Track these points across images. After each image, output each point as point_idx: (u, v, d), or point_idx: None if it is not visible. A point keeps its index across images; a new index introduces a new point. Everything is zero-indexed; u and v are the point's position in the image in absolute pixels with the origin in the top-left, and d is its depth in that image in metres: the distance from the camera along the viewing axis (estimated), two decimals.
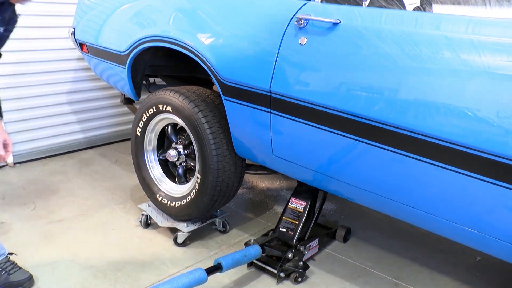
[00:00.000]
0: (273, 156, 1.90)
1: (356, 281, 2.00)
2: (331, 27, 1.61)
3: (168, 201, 2.24)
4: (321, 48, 1.63)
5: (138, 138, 2.32)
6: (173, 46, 2.06)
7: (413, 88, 1.41)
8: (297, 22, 1.68)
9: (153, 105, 2.17)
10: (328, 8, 1.69)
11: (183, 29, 2.04)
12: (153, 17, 2.23)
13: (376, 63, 1.50)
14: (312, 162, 1.77)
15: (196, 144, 2.04)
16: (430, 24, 1.45)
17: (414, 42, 1.43)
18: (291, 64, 1.70)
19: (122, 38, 2.33)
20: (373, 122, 1.49)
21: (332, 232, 2.29)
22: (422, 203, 1.51)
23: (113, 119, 3.63)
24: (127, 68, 2.35)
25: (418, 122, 1.38)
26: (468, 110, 1.30)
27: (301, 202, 2.12)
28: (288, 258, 1.95)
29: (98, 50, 2.57)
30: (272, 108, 1.77)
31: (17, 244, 2.17)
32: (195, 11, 2.06)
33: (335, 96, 1.58)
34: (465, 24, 1.38)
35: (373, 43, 1.52)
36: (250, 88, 1.82)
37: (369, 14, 1.59)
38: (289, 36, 1.71)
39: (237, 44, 1.88)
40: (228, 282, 1.96)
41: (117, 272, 2.00)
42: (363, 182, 1.65)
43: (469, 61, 1.32)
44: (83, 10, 2.70)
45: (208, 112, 2.01)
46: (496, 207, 1.33)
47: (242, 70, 1.84)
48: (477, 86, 1.30)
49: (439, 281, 2.02)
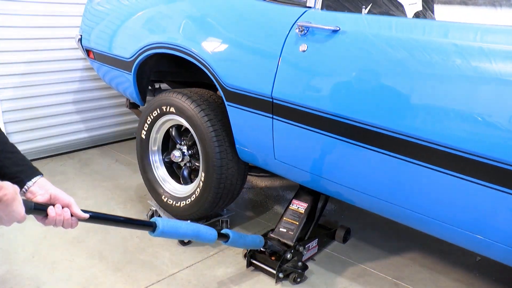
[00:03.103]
0: (275, 160, 1.92)
1: (356, 281, 2.00)
2: (331, 34, 1.63)
3: (173, 201, 2.26)
4: (321, 55, 1.65)
5: (143, 141, 2.36)
6: (177, 53, 2.09)
7: (413, 94, 1.42)
8: (298, 29, 1.70)
9: (157, 107, 2.21)
10: (328, 15, 1.71)
11: (188, 37, 2.06)
12: (159, 24, 2.26)
13: (375, 70, 1.52)
14: (314, 166, 1.79)
15: (199, 143, 2.08)
16: (429, 31, 1.45)
17: (414, 48, 1.44)
18: (292, 70, 1.73)
19: (128, 44, 2.37)
20: (372, 127, 1.51)
21: (331, 233, 2.29)
22: (422, 206, 1.52)
23: (113, 119, 3.63)
24: (132, 74, 2.39)
25: (418, 127, 1.39)
26: (467, 116, 1.30)
27: (303, 204, 2.14)
28: (287, 259, 1.95)
29: (104, 57, 2.60)
30: (274, 113, 1.80)
31: (17, 244, 2.17)
32: (199, 20, 2.09)
33: (335, 102, 1.60)
34: (461, 30, 1.39)
35: (372, 50, 1.54)
36: (252, 94, 1.84)
37: (369, 21, 1.61)
38: (290, 43, 1.73)
39: (240, 51, 1.91)
40: (227, 281, 1.96)
41: (117, 272, 2.00)
42: (364, 186, 1.66)
43: (466, 67, 1.32)
44: (89, 17, 2.73)
45: (210, 111, 2.05)
46: (496, 211, 1.34)
47: (244, 77, 1.87)
48: (476, 92, 1.30)
49: (439, 281, 2.02)
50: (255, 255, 2.03)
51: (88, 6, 2.78)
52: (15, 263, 2.04)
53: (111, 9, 2.57)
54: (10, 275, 1.95)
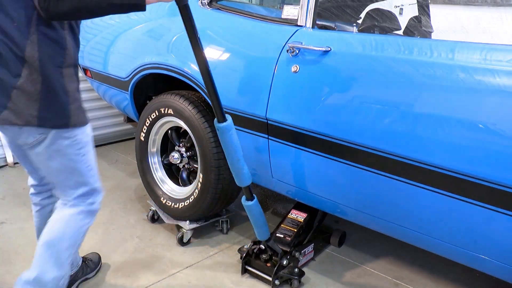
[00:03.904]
0: (273, 179, 1.93)
1: (356, 281, 2.00)
2: (322, 55, 1.63)
3: (172, 203, 2.26)
4: (313, 76, 1.65)
5: (142, 143, 2.36)
6: (171, 74, 2.09)
7: (407, 115, 1.42)
8: (289, 50, 1.70)
9: (155, 109, 2.22)
10: (319, 35, 1.71)
11: (180, 57, 2.06)
12: (153, 44, 2.25)
13: (366, 91, 1.52)
14: (310, 185, 1.81)
15: (197, 144, 2.08)
16: (422, 50, 1.45)
17: (407, 68, 1.44)
18: (285, 92, 1.73)
19: (123, 64, 2.37)
20: (364, 148, 1.52)
21: (327, 237, 2.27)
22: (418, 225, 1.53)
23: (113, 119, 3.63)
24: (129, 93, 2.40)
25: (412, 149, 1.40)
26: (462, 139, 1.31)
27: (302, 213, 2.15)
28: (283, 265, 1.93)
29: (101, 76, 2.61)
30: (269, 134, 1.81)
31: (17, 244, 2.17)
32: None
33: (327, 123, 1.61)
34: (456, 49, 1.39)
35: (363, 71, 1.54)
36: (247, 115, 1.85)
37: (360, 41, 1.61)
38: (282, 64, 1.73)
39: (233, 72, 1.91)
40: (227, 281, 1.96)
41: (117, 272, 2.00)
42: (360, 204, 1.68)
43: (464, 87, 1.33)
44: (85, 36, 2.72)
45: (208, 112, 2.05)
46: (490, 230, 1.35)
47: (239, 98, 1.88)
48: (475, 111, 1.31)
49: (439, 281, 2.02)
50: (250, 262, 1.99)
51: (83, 24, 2.77)
52: (15, 263, 2.04)
53: (105, 26, 2.56)
54: (10, 275, 1.95)
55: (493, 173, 1.26)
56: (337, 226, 2.38)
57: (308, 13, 1.73)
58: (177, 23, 2.19)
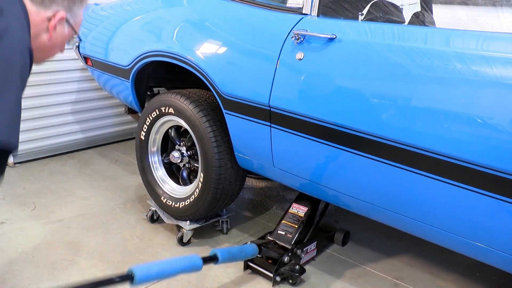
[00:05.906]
0: (274, 168, 1.92)
1: (356, 281, 2.00)
2: (327, 42, 1.62)
3: (172, 202, 2.26)
4: (318, 63, 1.65)
5: (142, 142, 2.35)
6: (174, 61, 2.09)
7: (412, 102, 1.41)
8: (294, 37, 1.69)
9: (156, 108, 2.21)
10: (324, 23, 1.70)
11: (184, 45, 2.06)
12: (155, 31, 2.25)
13: (372, 78, 1.51)
14: (312, 174, 1.79)
15: (198, 144, 2.08)
16: (427, 38, 1.45)
17: (412, 56, 1.43)
18: (289, 79, 1.72)
19: (125, 52, 2.36)
20: (369, 135, 1.50)
21: (330, 235, 2.28)
22: (421, 214, 1.52)
23: (113, 119, 3.63)
24: (130, 82, 2.39)
25: (417, 136, 1.39)
26: (467, 125, 1.30)
27: (303, 207, 2.13)
28: (284, 262, 1.93)
29: (102, 64, 2.60)
30: (272, 122, 1.80)
31: (17, 244, 2.17)
32: (196, 28, 2.09)
33: (332, 110, 1.59)
34: (461, 38, 1.39)
35: (369, 58, 1.53)
36: (250, 102, 1.84)
37: (365, 29, 1.61)
38: (286, 51, 1.72)
39: (237, 60, 1.90)
40: (227, 281, 1.96)
41: (117, 272, 2.00)
42: (362, 193, 1.67)
43: (467, 73, 1.32)
44: (86, 24, 2.73)
45: (209, 111, 2.05)
46: (495, 219, 1.34)
47: (242, 85, 1.87)
48: (479, 98, 1.30)
49: (439, 281, 2.02)
50: (252, 258, 2.00)
51: (85, 13, 2.78)
52: (15, 263, 2.04)
53: (106, 15, 2.56)
54: (10, 275, 1.95)
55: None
56: (341, 223, 2.38)
57: (313, 1, 1.73)
58: (179, 11, 2.20)
